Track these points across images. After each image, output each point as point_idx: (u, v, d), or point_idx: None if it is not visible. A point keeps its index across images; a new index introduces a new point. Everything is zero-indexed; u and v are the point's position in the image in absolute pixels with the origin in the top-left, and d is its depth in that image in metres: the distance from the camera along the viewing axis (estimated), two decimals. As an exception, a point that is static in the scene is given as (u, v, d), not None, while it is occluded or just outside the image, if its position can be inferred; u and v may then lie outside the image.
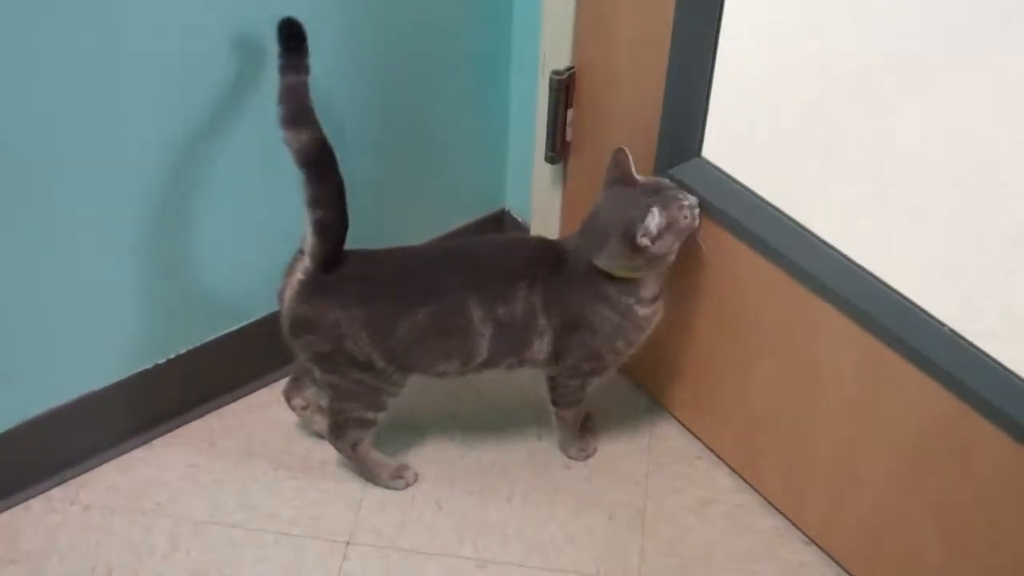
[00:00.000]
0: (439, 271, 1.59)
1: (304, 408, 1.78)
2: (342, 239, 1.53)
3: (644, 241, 1.49)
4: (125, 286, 1.67)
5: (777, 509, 1.73)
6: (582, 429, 1.80)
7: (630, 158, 1.54)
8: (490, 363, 1.62)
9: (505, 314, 1.57)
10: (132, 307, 1.70)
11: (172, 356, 1.77)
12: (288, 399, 1.78)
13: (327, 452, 1.78)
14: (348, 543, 1.68)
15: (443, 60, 1.79)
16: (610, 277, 1.56)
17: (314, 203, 1.48)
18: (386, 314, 1.56)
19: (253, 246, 1.74)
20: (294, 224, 1.53)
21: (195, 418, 1.84)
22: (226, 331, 1.81)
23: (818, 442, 1.62)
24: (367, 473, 1.75)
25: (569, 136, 1.79)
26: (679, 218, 1.52)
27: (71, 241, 1.58)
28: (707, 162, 1.64)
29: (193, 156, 1.60)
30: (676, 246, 1.55)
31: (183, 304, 1.74)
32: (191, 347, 1.78)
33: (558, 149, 1.80)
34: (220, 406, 1.86)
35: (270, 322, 1.82)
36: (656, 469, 1.79)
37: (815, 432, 1.62)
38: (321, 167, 1.47)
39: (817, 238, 1.55)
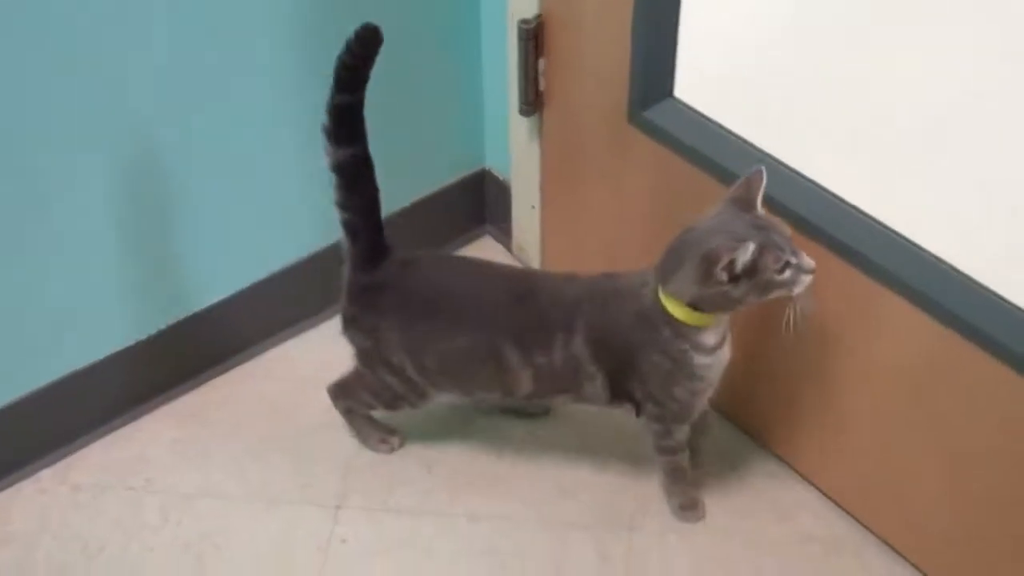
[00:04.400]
0: (477, 302, 1.53)
1: (348, 411, 1.72)
2: (375, 243, 1.53)
3: (721, 274, 1.32)
4: (102, 263, 1.65)
5: (775, 454, 1.71)
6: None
7: (763, 183, 1.37)
8: (539, 396, 1.57)
9: (544, 363, 1.50)
10: (111, 284, 1.68)
11: (154, 332, 1.75)
12: (334, 399, 1.71)
13: (314, 419, 1.77)
14: (338, 507, 1.67)
15: (410, 16, 1.77)
16: (666, 319, 1.41)
17: (341, 206, 1.48)
18: (420, 332, 1.54)
19: (236, 216, 1.74)
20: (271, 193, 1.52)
21: (181, 394, 1.83)
22: (208, 304, 1.79)
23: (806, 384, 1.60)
24: (355, 433, 1.74)
25: (542, 86, 1.77)
26: (769, 269, 1.32)
27: (47, 219, 1.56)
28: (679, 102, 1.61)
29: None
30: (752, 300, 1.36)
31: (163, 279, 1.73)
32: (173, 322, 1.77)
33: (532, 101, 1.78)
34: (205, 380, 1.84)
35: (252, 295, 1.82)
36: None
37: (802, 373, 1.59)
38: (352, 178, 1.46)
39: (801, 175, 1.51)
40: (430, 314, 1.54)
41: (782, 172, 1.51)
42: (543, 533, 1.63)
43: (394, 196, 1.88)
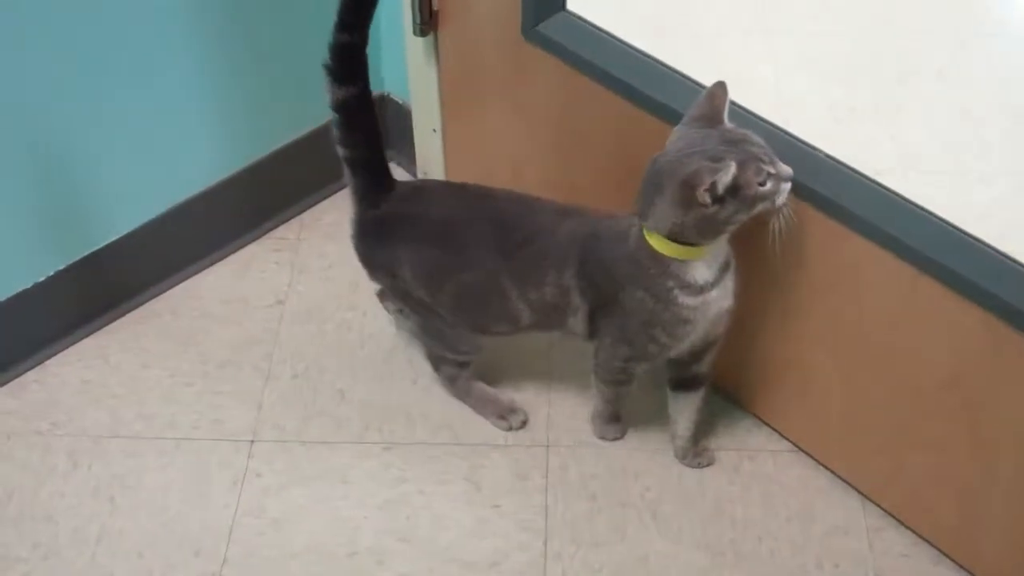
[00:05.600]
0: (477, 238, 1.50)
1: (399, 311, 1.74)
2: (379, 178, 1.53)
3: (704, 196, 1.26)
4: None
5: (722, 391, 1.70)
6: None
7: (727, 96, 1.32)
8: (538, 328, 1.55)
9: (536, 298, 1.48)
10: (8, 226, 1.63)
11: (52, 273, 1.71)
12: (381, 300, 1.77)
13: (224, 355, 1.75)
14: (252, 442, 1.65)
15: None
16: (651, 255, 1.36)
17: (342, 144, 1.49)
18: (430, 266, 1.53)
19: (136, 152, 1.70)
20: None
21: (87, 335, 1.79)
22: (110, 241, 1.75)
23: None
24: (477, 408, 1.69)
25: (436, 5, 1.73)
26: (753, 184, 1.27)
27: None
28: (573, 15, 1.59)
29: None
30: (740, 219, 1.30)
31: (62, 218, 1.69)
32: (75, 261, 1.73)
33: (427, 20, 1.75)
34: (111, 320, 1.81)
35: (152, 230, 1.78)
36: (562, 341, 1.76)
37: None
38: (354, 117, 1.47)
39: (701, 86, 1.50)
40: (437, 246, 1.52)
41: (685, 84, 1.50)
42: (459, 456, 1.64)
43: (292, 125, 1.87)
